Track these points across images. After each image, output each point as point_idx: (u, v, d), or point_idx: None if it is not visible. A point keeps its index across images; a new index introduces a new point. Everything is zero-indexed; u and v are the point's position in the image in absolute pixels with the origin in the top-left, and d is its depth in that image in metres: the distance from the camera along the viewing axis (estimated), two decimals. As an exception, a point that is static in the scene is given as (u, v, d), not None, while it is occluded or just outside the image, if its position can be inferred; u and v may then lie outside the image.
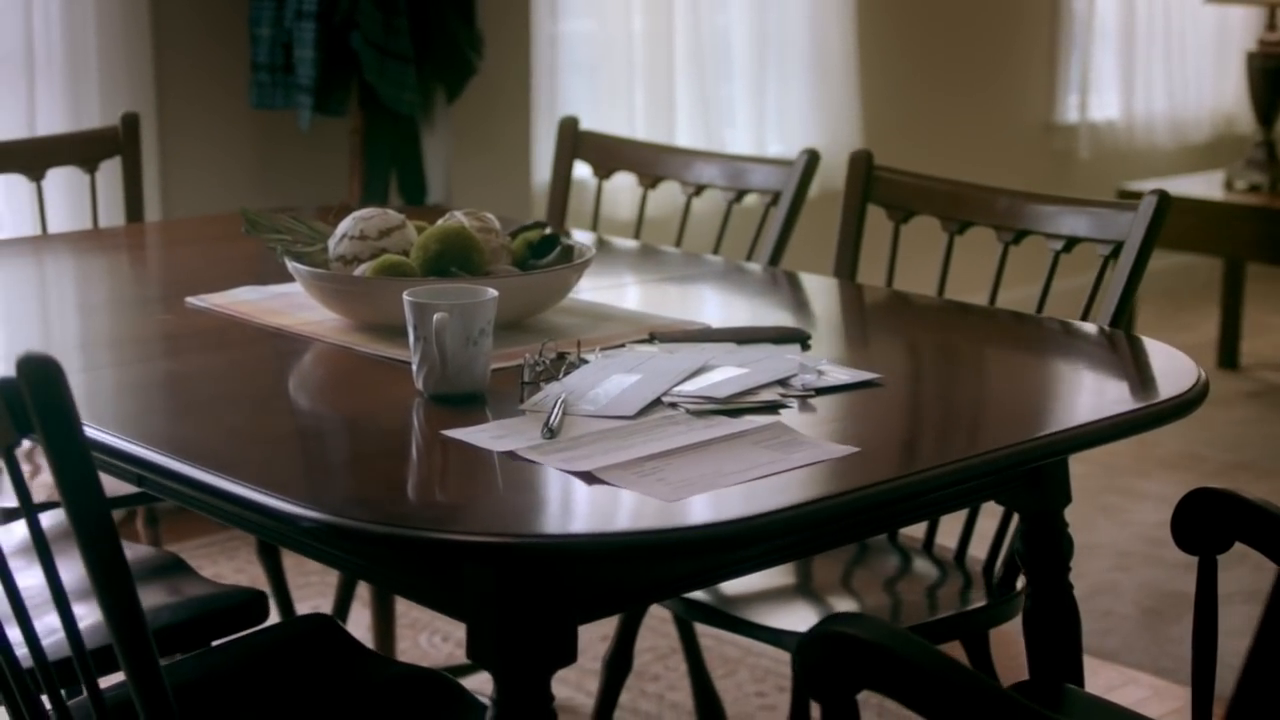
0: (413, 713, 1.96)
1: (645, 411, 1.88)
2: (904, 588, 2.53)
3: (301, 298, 2.34)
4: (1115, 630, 3.68)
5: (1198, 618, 1.82)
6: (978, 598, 2.48)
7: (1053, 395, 2.18)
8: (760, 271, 2.81)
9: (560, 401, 1.89)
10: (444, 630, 3.59)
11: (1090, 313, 2.50)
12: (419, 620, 3.62)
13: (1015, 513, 2.25)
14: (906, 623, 2.40)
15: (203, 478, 1.69)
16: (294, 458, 1.81)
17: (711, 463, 1.72)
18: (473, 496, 1.72)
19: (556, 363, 2.04)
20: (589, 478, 1.68)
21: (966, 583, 2.53)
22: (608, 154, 3.28)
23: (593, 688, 3.11)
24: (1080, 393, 2.17)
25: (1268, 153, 5.56)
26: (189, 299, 2.43)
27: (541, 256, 2.32)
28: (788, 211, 2.95)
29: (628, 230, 3.19)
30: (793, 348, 2.18)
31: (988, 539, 2.54)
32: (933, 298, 2.61)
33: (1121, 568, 4.03)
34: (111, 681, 1.81)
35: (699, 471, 1.69)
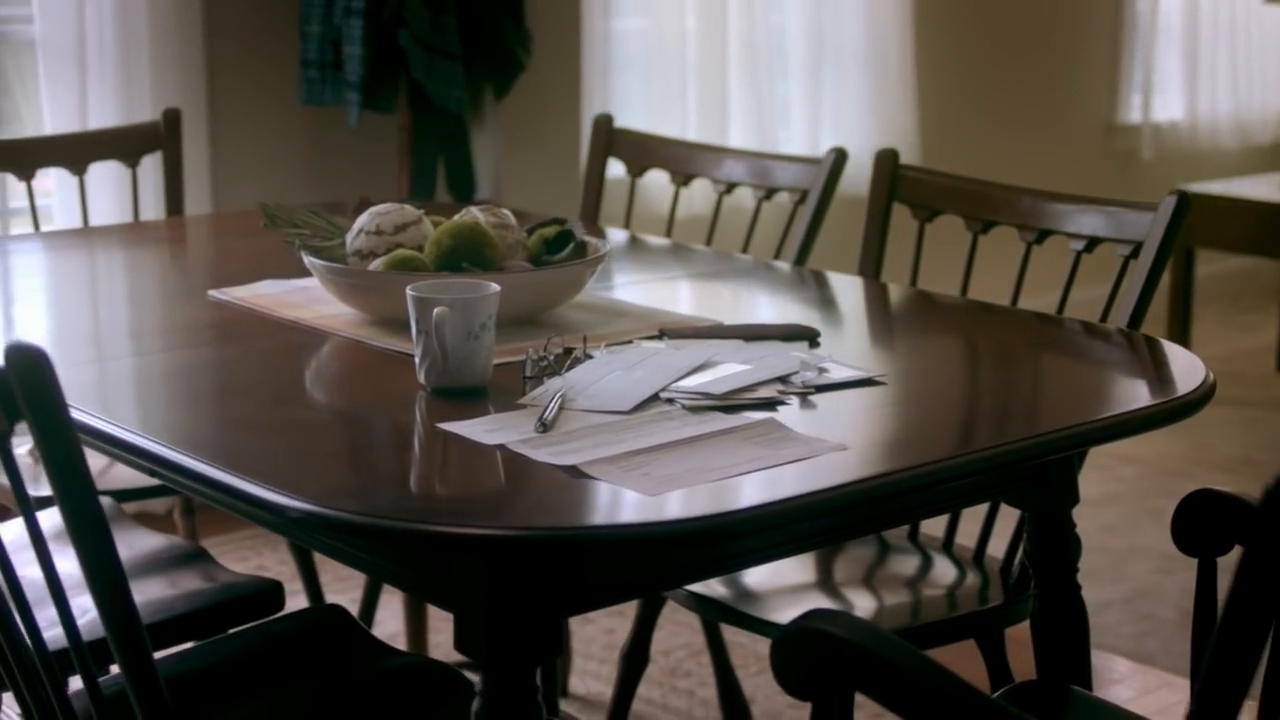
0: (413, 702, 1.99)
1: (642, 407, 1.89)
2: (921, 586, 2.53)
3: (319, 292, 2.37)
4: (1154, 633, 3.65)
5: (1197, 618, 1.80)
6: (995, 597, 2.47)
7: (1052, 395, 2.16)
8: (787, 270, 2.81)
9: (558, 396, 1.89)
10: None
11: (1109, 314, 2.49)
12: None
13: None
14: (922, 620, 2.41)
15: (195, 466, 1.71)
16: (291, 449, 1.83)
17: (698, 458, 1.72)
18: (463, 489, 1.73)
19: (561, 358, 2.05)
20: (574, 471, 1.69)
21: (984, 582, 2.52)
22: (641, 151, 3.29)
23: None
24: (1080, 393, 2.15)
25: (1331, 154, 5.51)
26: (210, 292, 2.46)
27: (555, 252, 2.33)
28: (815, 210, 2.94)
29: (666, 228, 3.20)
30: (800, 345, 2.18)
31: (1008, 539, 2.53)
32: (955, 297, 2.60)
33: (1165, 571, 3.99)
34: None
35: (685, 466, 1.69)
